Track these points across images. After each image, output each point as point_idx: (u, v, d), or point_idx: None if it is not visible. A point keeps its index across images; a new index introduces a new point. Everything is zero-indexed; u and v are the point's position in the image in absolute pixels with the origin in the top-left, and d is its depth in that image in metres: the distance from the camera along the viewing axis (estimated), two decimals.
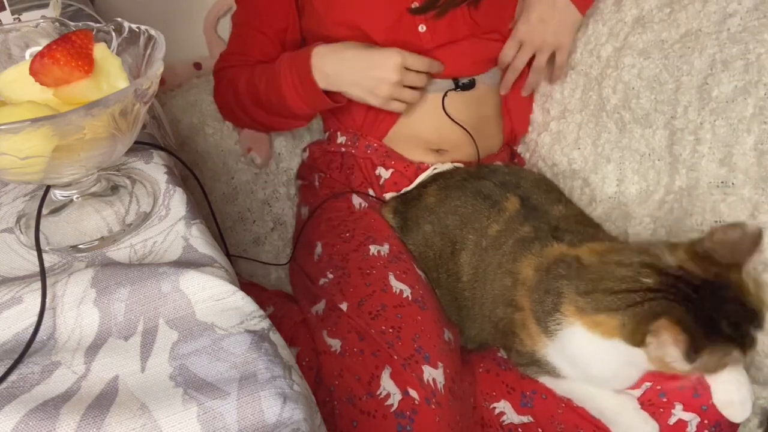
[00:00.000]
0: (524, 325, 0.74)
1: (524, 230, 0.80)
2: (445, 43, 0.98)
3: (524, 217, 0.81)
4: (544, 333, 0.71)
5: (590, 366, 0.70)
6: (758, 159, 0.74)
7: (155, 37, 0.57)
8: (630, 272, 0.67)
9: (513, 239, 0.80)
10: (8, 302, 0.49)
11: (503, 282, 0.78)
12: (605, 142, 0.95)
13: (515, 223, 0.81)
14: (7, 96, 0.54)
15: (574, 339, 0.69)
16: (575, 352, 0.70)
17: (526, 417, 0.77)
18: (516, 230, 0.80)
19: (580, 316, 0.68)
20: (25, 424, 0.40)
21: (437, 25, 0.97)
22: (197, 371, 0.44)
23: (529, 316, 0.74)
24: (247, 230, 1.12)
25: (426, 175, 1.00)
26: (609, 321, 0.66)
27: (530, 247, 0.77)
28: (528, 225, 0.80)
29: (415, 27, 0.97)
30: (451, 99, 0.99)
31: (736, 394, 0.69)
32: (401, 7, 0.96)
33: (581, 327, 0.68)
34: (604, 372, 0.70)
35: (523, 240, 0.79)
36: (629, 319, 0.64)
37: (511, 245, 0.79)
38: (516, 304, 0.76)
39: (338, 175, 1.05)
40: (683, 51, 0.85)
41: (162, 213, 0.59)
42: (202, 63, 1.24)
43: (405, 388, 0.69)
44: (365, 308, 0.77)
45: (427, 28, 0.97)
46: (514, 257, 0.78)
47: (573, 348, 0.70)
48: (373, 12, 0.96)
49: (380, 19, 0.96)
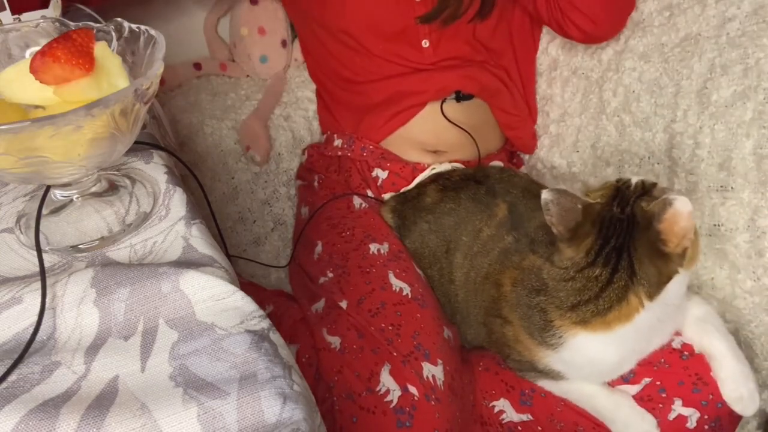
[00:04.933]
0: (517, 339, 0.74)
1: (507, 240, 0.80)
2: (446, 60, 0.98)
3: (510, 225, 0.81)
4: (544, 346, 0.71)
5: (604, 359, 0.71)
6: (757, 163, 0.74)
7: (155, 37, 0.57)
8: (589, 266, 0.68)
9: (498, 248, 0.80)
10: (8, 302, 0.49)
11: (490, 292, 0.78)
12: (605, 145, 0.95)
13: (502, 230, 0.82)
14: (7, 95, 0.54)
15: (582, 345, 0.69)
16: (586, 355, 0.70)
17: (525, 415, 0.77)
18: (502, 238, 0.81)
19: (585, 326, 0.68)
20: (25, 424, 0.40)
21: (440, 41, 0.98)
22: (197, 371, 0.44)
23: (520, 331, 0.74)
24: (247, 230, 1.12)
25: (425, 175, 1.00)
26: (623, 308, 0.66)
27: (511, 258, 0.77)
28: (511, 235, 0.80)
29: (419, 41, 0.97)
30: (450, 104, 1.00)
31: (744, 388, 0.69)
32: (409, 16, 0.96)
33: (587, 333, 0.68)
34: (615, 359, 0.71)
35: (506, 251, 0.79)
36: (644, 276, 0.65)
37: (497, 254, 0.80)
38: (504, 317, 0.76)
39: (336, 177, 1.05)
40: (683, 55, 0.85)
41: (162, 213, 0.59)
42: (202, 63, 1.24)
43: (404, 385, 0.69)
44: (365, 306, 0.77)
45: (430, 43, 0.98)
46: (498, 268, 0.78)
47: (584, 352, 0.70)
48: (377, 21, 0.96)
49: (385, 28, 0.96)
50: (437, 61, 0.99)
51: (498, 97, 1.02)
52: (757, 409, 0.70)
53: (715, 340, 0.72)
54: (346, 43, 1.00)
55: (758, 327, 0.75)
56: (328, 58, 1.05)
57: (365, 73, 1.01)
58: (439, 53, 0.98)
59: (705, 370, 0.72)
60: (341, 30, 0.98)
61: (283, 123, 1.18)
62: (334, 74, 1.06)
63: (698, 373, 0.72)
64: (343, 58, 1.02)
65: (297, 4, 1.02)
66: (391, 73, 1.00)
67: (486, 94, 1.01)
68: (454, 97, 1.00)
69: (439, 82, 0.98)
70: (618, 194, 0.69)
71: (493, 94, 1.02)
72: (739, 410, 0.70)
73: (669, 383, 0.72)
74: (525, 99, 1.09)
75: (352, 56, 1.01)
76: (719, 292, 0.78)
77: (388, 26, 0.96)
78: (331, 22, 0.99)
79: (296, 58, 1.26)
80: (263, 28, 1.20)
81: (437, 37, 0.97)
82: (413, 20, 0.96)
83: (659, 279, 0.65)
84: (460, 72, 0.99)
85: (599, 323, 0.67)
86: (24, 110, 0.56)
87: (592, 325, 0.67)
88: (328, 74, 1.08)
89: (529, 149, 1.11)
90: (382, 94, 1.01)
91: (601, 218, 0.67)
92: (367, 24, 0.96)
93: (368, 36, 0.97)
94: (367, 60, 1.00)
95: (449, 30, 0.96)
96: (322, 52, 1.06)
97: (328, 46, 1.03)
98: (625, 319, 0.66)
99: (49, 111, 0.53)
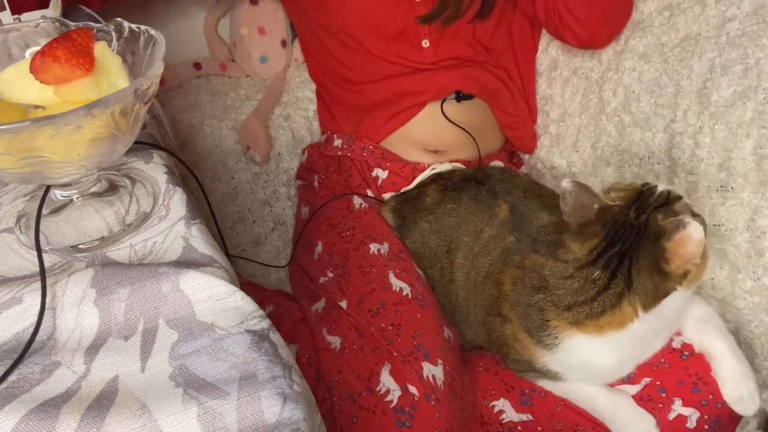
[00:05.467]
0: (516, 338, 0.74)
1: (509, 240, 0.80)
2: (446, 60, 0.98)
3: (512, 225, 0.81)
4: (541, 345, 0.71)
5: (599, 364, 0.70)
6: (757, 163, 0.74)
7: (155, 37, 0.57)
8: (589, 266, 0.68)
9: (500, 248, 0.80)
10: (8, 302, 0.49)
11: (490, 291, 0.78)
12: (604, 145, 0.95)
13: (504, 230, 0.82)
14: (7, 95, 0.54)
15: (577, 347, 0.69)
16: (581, 357, 0.70)
17: (525, 415, 0.77)
18: (503, 238, 0.81)
19: (579, 327, 0.68)
20: (25, 424, 0.40)
21: (440, 41, 0.98)
22: (197, 371, 0.44)
23: (519, 330, 0.74)
24: (247, 230, 1.12)
25: (425, 175, 1.00)
26: (617, 314, 0.66)
27: (512, 258, 0.77)
28: (513, 235, 0.80)
29: (419, 42, 0.97)
30: (450, 104, 1.00)
31: (744, 388, 0.69)
32: (409, 17, 0.96)
33: (582, 335, 0.68)
34: (611, 363, 0.71)
35: (507, 250, 0.79)
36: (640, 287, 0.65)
37: (498, 254, 0.80)
38: (504, 315, 0.76)
39: (336, 177, 1.05)
40: (683, 55, 0.85)
41: (162, 213, 0.59)
42: (202, 63, 1.24)
43: (404, 385, 0.69)
44: (365, 306, 0.77)
45: (431, 43, 0.98)
46: (500, 267, 0.78)
47: (579, 354, 0.70)
48: (377, 22, 0.96)
49: (385, 28, 0.96)
50: (437, 61, 0.99)
51: (498, 97, 1.02)
52: (757, 409, 0.70)
53: (716, 340, 0.72)
54: (346, 42, 1.00)
55: (758, 327, 0.75)
56: (327, 57, 1.05)
57: (365, 73, 1.02)
58: (440, 53, 0.98)
59: (705, 370, 0.72)
60: (341, 30, 0.98)
61: (283, 123, 1.18)
62: (333, 74, 1.06)
63: (698, 373, 0.72)
64: (343, 57, 1.02)
65: (297, 4, 1.03)
66: (391, 73, 1.00)
67: (486, 94, 1.01)
68: (454, 97, 1.00)
69: (439, 82, 0.98)
70: (639, 199, 0.68)
71: (494, 94, 1.02)
72: (739, 410, 0.70)
73: (669, 383, 0.72)
74: (525, 99, 1.09)
75: (352, 56, 1.01)
76: (719, 292, 0.78)
77: (388, 26, 0.96)
78: (330, 22, 0.99)
79: (296, 58, 1.26)
80: (263, 28, 1.20)
81: (437, 38, 0.97)
82: (413, 21, 0.96)
83: (655, 293, 0.65)
84: (460, 72, 0.99)
85: (593, 326, 0.67)
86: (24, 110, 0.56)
87: (586, 328, 0.67)
88: (328, 74, 1.08)
89: (529, 149, 1.11)
90: (382, 93, 1.01)
91: (613, 221, 0.67)
92: (367, 24, 0.96)
93: (368, 36, 0.97)
94: (366, 60, 1.00)
95: (449, 30, 0.96)
96: (322, 51, 1.06)
97: (327, 46, 1.03)
98: (618, 326, 0.66)
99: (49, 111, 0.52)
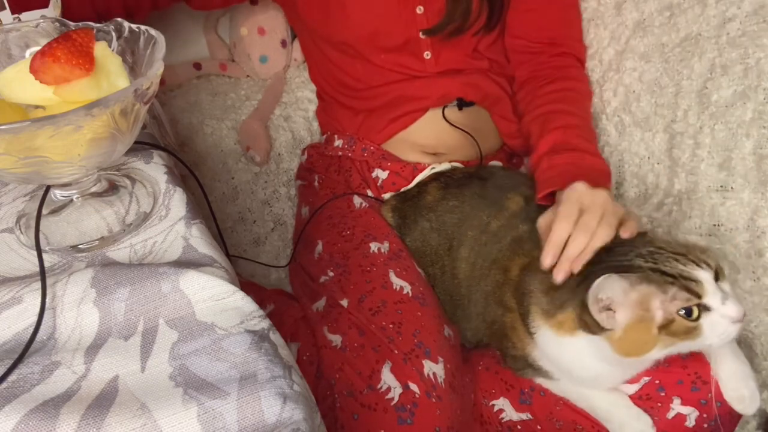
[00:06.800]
0: (514, 327, 0.75)
1: (522, 229, 0.80)
2: (447, 71, 0.98)
3: (526, 215, 0.81)
4: (529, 335, 0.72)
5: (570, 367, 0.71)
6: (757, 163, 0.74)
7: (155, 37, 0.57)
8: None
9: (511, 236, 0.80)
10: (8, 302, 0.49)
11: (496, 278, 0.78)
12: (604, 144, 0.95)
13: (517, 219, 0.82)
14: (7, 95, 0.54)
15: (547, 342, 0.70)
16: (551, 354, 0.71)
17: (524, 414, 0.77)
18: (516, 227, 0.81)
19: (546, 318, 0.69)
20: (25, 424, 0.40)
21: (442, 53, 0.98)
22: (197, 371, 0.44)
23: (516, 318, 0.74)
24: (247, 230, 1.12)
25: (425, 175, 1.00)
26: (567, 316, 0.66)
27: (523, 246, 0.77)
28: (527, 224, 0.80)
29: (421, 53, 0.97)
30: (452, 110, 1.00)
31: (744, 388, 0.69)
32: (412, 29, 0.95)
33: (548, 330, 0.69)
34: (584, 372, 0.71)
35: (519, 239, 0.79)
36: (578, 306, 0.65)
37: (509, 241, 0.80)
38: (506, 304, 0.76)
39: (337, 177, 1.05)
40: (683, 55, 0.85)
41: (162, 213, 0.59)
42: (202, 63, 1.24)
43: (405, 382, 0.70)
44: (365, 304, 0.78)
45: (432, 54, 0.98)
46: (509, 254, 0.78)
47: (549, 351, 0.71)
48: (379, 35, 0.96)
49: (387, 41, 0.96)
50: (439, 71, 0.99)
51: (499, 104, 1.02)
52: (758, 408, 0.70)
53: None
54: (347, 52, 1.00)
55: (758, 327, 0.75)
56: (328, 65, 1.05)
57: (366, 80, 1.01)
58: (441, 64, 0.98)
59: (704, 368, 0.72)
60: (342, 42, 0.98)
61: (283, 123, 1.18)
62: (334, 79, 1.06)
63: (697, 372, 0.72)
64: (344, 65, 1.02)
65: (298, 16, 1.02)
66: (393, 79, 1.00)
67: (488, 101, 1.01)
68: (455, 104, 1.00)
69: (441, 89, 0.98)
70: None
71: (495, 101, 1.02)
72: (740, 410, 0.70)
73: (668, 382, 0.72)
74: None
75: (353, 63, 1.01)
76: None
77: (391, 39, 0.96)
78: (332, 35, 0.99)
79: (296, 58, 1.26)
80: (263, 28, 1.20)
81: (439, 49, 0.97)
82: (416, 33, 0.95)
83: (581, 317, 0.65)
84: (462, 79, 0.99)
85: (554, 322, 0.68)
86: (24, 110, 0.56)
87: (551, 321, 0.68)
88: (328, 79, 1.08)
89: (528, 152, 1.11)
90: (383, 98, 1.01)
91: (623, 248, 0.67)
92: (369, 37, 0.96)
93: (370, 48, 0.97)
94: (368, 68, 1.00)
95: (451, 41, 0.96)
96: (323, 59, 1.05)
97: (328, 54, 1.03)
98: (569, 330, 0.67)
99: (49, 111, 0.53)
